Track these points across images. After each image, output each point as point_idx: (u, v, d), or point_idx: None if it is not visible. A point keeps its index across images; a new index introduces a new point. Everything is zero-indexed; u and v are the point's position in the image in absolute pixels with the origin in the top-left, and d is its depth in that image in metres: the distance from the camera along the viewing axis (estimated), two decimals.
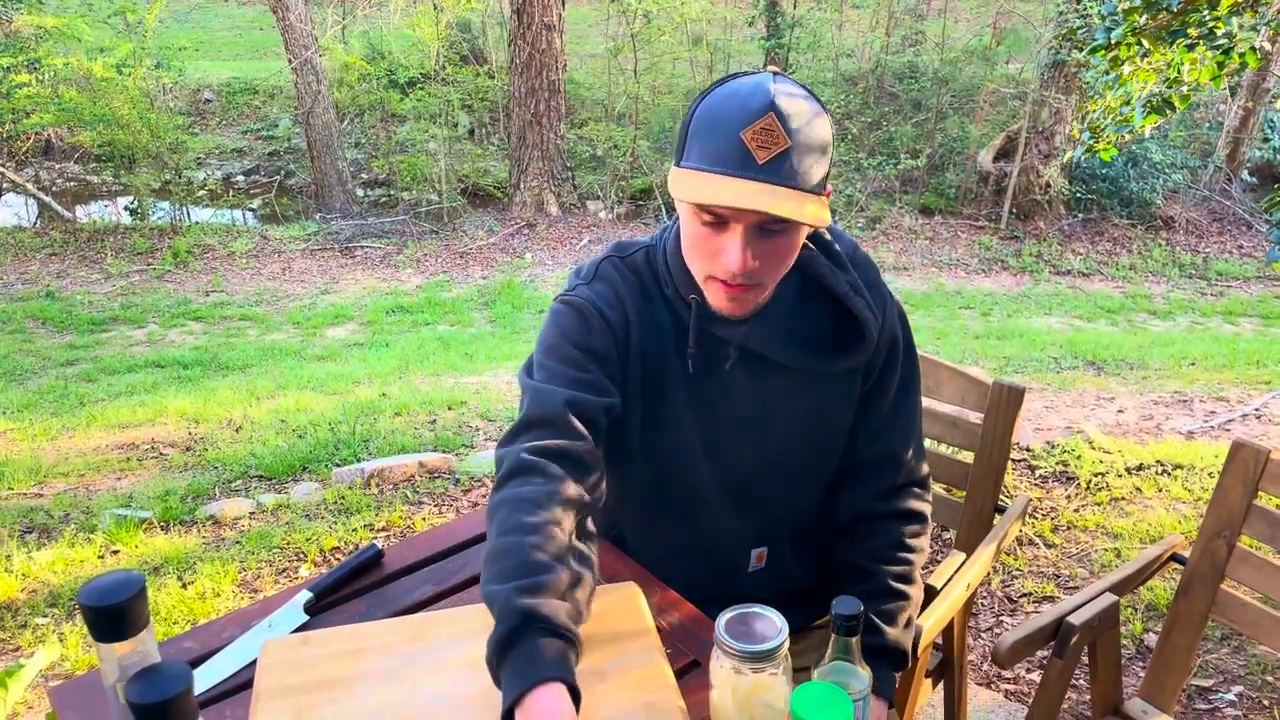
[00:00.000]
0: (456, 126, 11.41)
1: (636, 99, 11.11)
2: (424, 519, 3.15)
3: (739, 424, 1.22)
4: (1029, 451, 3.49)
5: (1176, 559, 1.57)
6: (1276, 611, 1.43)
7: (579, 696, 0.89)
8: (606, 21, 12.00)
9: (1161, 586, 2.60)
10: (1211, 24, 2.83)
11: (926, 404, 1.40)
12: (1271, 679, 2.24)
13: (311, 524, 3.11)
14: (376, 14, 14.29)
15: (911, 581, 1.26)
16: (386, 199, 11.06)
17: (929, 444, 1.50)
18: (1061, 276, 9.12)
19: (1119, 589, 1.46)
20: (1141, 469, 3.33)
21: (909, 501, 1.28)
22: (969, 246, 9.59)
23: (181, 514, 3.25)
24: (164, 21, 11.82)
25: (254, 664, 1.09)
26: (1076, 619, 1.35)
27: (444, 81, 10.70)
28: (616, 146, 10.53)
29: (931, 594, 1.37)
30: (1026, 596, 2.66)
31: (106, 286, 8.26)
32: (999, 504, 1.68)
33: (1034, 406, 4.19)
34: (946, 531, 2.88)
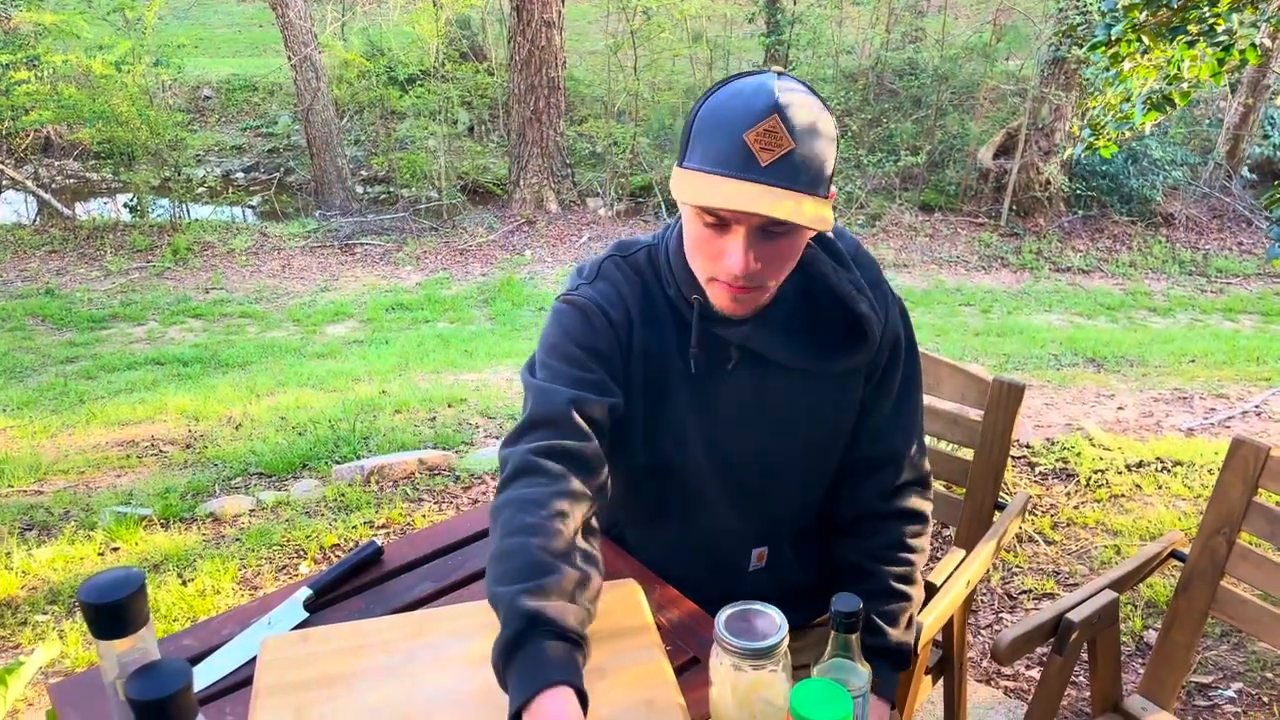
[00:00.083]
0: (456, 123, 11.40)
1: (636, 96, 11.09)
2: (424, 516, 3.15)
3: (740, 424, 1.22)
4: (1029, 448, 3.49)
5: (1176, 556, 1.57)
6: (1276, 608, 1.43)
7: (586, 699, 0.88)
8: (606, 18, 11.97)
9: (1161, 583, 2.60)
10: (1212, 20, 2.83)
11: (927, 401, 1.40)
12: (1271, 676, 2.25)
13: (311, 521, 3.11)
14: (376, 10, 14.29)
15: (913, 582, 1.26)
16: (386, 196, 11.04)
17: (929, 441, 1.50)
18: (1061, 273, 9.12)
19: (1119, 586, 1.46)
20: (1141, 466, 3.34)
21: (911, 500, 1.28)
22: (969, 243, 9.59)
23: (181, 511, 3.25)
24: (163, 18, 11.81)
25: (254, 661, 1.09)
26: (1076, 616, 1.35)
27: (443, 78, 10.69)
28: (616, 143, 10.53)
29: (931, 591, 1.37)
30: (1026, 593, 2.66)
31: (106, 284, 8.25)
32: (999, 501, 1.68)
33: (1034, 403, 4.19)
34: (946, 528, 2.88)
